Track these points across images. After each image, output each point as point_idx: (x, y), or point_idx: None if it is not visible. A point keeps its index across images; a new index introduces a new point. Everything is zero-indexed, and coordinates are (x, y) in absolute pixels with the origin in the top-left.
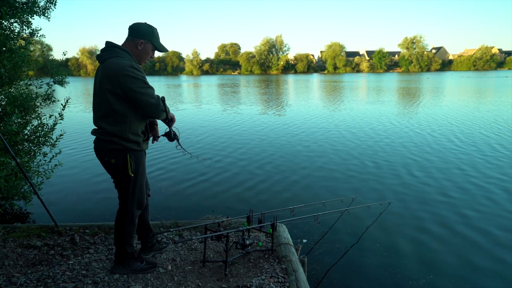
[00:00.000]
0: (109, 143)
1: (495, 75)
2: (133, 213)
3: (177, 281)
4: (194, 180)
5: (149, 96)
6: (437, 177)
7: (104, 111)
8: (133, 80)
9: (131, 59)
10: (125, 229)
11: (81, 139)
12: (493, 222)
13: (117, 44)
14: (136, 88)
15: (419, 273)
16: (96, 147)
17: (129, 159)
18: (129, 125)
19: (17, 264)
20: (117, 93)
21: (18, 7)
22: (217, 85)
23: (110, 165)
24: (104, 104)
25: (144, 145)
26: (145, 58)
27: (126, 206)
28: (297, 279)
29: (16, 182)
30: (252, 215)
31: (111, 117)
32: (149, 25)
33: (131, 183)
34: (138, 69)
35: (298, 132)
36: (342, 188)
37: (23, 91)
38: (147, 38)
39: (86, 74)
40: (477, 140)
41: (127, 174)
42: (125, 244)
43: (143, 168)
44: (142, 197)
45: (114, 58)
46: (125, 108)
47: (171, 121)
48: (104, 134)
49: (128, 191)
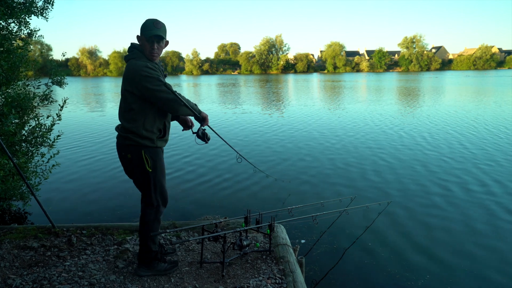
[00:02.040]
0: (125, 139)
1: (498, 75)
2: (158, 209)
3: (174, 283)
4: (192, 180)
5: (166, 92)
6: (437, 177)
7: (124, 109)
8: (148, 79)
9: (145, 58)
10: (150, 226)
11: (79, 140)
12: (493, 221)
13: (136, 45)
14: (152, 86)
15: (419, 273)
16: (117, 142)
17: (144, 155)
18: (143, 122)
19: (13, 266)
20: (134, 92)
21: (16, 7)
22: (216, 85)
23: (127, 160)
24: (124, 103)
25: (158, 142)
26: (149, 52)
27: (151, 202)
28: (294, 280)
29: (14, 183)
30: (250, 216)
31: (128, 114)
32: (149, 19)
33: (151, 179)
34: (152, 68)
35: (296, 131)
36: (341, 188)
37: (21, 92)
38: (141, 33)
39: (86, 74)
40: (480, 141)
41: (145, 170)
42: (150, 242)
43: (161, 164)
44: (165, 192)
45: (133, 59)
46: (140, 106)
47: (203, 120)
48: (122, 130)
49: (150, 187)
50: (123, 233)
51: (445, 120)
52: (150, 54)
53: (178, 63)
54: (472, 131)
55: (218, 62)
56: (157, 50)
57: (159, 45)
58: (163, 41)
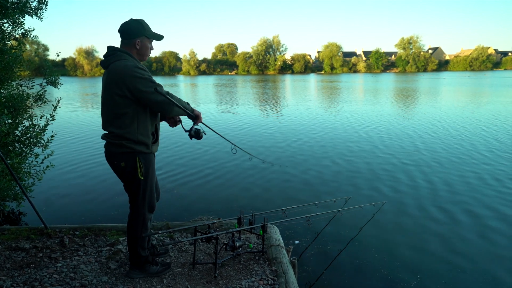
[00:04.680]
0: (118, 147)
1: (497, 76)
2: (145, 216)
3: (166, 284)
4: (186, 180)
5: (158, 94)
6: (431, 178)
7: (113, 115)
8: (140, 80)
9: (134, 60)
10: (138, 232)
11: (73, 141)
12: (487, 220)
13: (118, 48)
14: (144, 88)
15: (412, 274)
16: (106, 151)
17: (139, 162)
18: (137, 126)
19: (4, 267)
20: (126, 95)
21: (9, 7)
22: (213, 85)
23: (120, 169)
24: (112, 108)
25: (153, 147)
26: (146, 53)
27: (138, 209)
28: (286, 281)
29: (7, 184)
30: (243, 217)
31: (120, 120)
32: (136, 20)
33: (141, 186)
34: (143, 69)
35: (291, 132)
36: (336, 189)
37: (14, 92)
38: (141, 34)
39: (82, 75)
40: (478, 141)
41: (137, 177)
42: (139, 248)
43: (153, 171)
44: (153, 200)
45: (118, 61)
46: (133, 110)
47: (196, 118)
48: (114, 137)
49: (139, 194)
50: (116, 234)
51: (441, 122)
52: (146, 55)
53: (175, 64)
54: (468, 132)
55: (215, 62)
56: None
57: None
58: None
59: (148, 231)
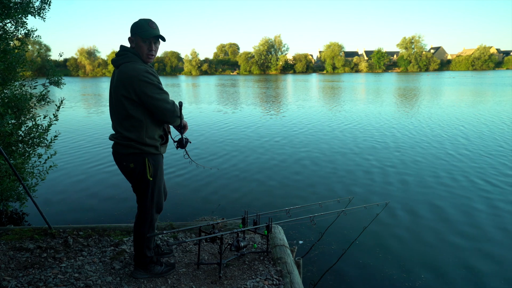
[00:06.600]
0: (127, 148)
1: (500, 75)
2: (152, 217)
3: (171, 284)
4: (190, 181)
5: (164, 101)
6: (435, 178)
7: (120, 117)
8: (148, 85)
9: (141, 61)
10: (145, 233)
11: (76, 141)
12: (491, 221)
13: (129, 48)
14: (151, 94)
15: (416, 274)
16: (114, 152)
17: (148, 163)
18: (146, 130)
19: (8, 267)
20: (132, 98)
21: (12, 7)
22: (215, 85)
23: (129, 170)
24: (120, 110)
25: (162, 149)
26: (145, 53)
27: (145, 210)
28: (291, 281)
29: (10, 184)
30: (248, 217)
31: (127, 122)
32: (139, 19)
33: (150, 187)
34: (153, 74)
35: (294, 132)
36: (339, 189)
37: (17, 92)
38: (134, 33)
39: (84, 75)
40: (488, 141)
41: (146, 178)
42: (145, 248)
43: (161, 172)
44: (161, 200)
45: (129, 63)
46: (141, 113)
47: (183, 128)
48: (122, 138)
49: (147, 195)
50: (120, 234)
51: (445, 121)
52: (147, 56)
53: (177, 64)
54: (473, 132)
55: (217, 62)
56: (154, 51)
57: (155, 46)
58: (159, 42)
59: (154, 231)
